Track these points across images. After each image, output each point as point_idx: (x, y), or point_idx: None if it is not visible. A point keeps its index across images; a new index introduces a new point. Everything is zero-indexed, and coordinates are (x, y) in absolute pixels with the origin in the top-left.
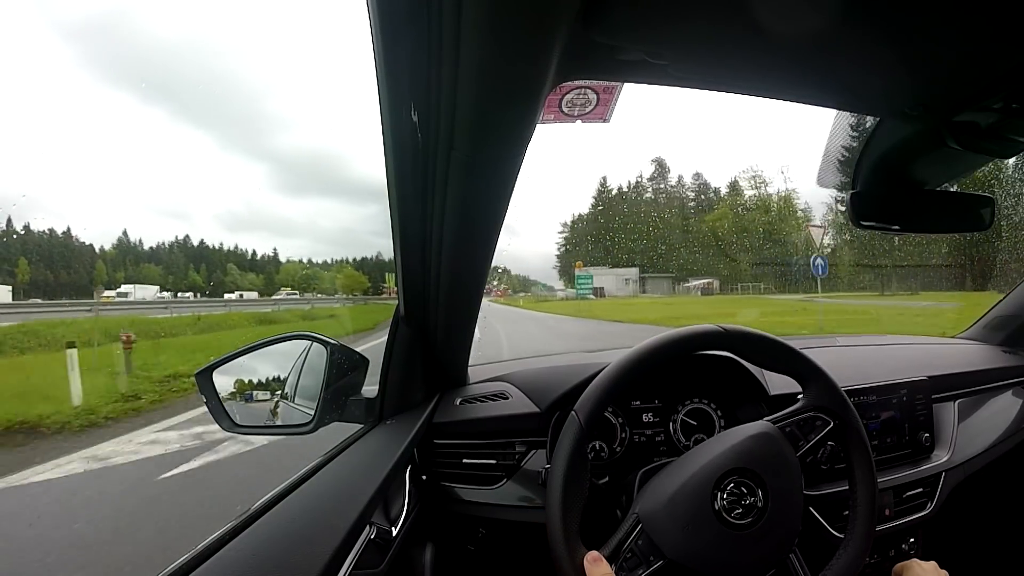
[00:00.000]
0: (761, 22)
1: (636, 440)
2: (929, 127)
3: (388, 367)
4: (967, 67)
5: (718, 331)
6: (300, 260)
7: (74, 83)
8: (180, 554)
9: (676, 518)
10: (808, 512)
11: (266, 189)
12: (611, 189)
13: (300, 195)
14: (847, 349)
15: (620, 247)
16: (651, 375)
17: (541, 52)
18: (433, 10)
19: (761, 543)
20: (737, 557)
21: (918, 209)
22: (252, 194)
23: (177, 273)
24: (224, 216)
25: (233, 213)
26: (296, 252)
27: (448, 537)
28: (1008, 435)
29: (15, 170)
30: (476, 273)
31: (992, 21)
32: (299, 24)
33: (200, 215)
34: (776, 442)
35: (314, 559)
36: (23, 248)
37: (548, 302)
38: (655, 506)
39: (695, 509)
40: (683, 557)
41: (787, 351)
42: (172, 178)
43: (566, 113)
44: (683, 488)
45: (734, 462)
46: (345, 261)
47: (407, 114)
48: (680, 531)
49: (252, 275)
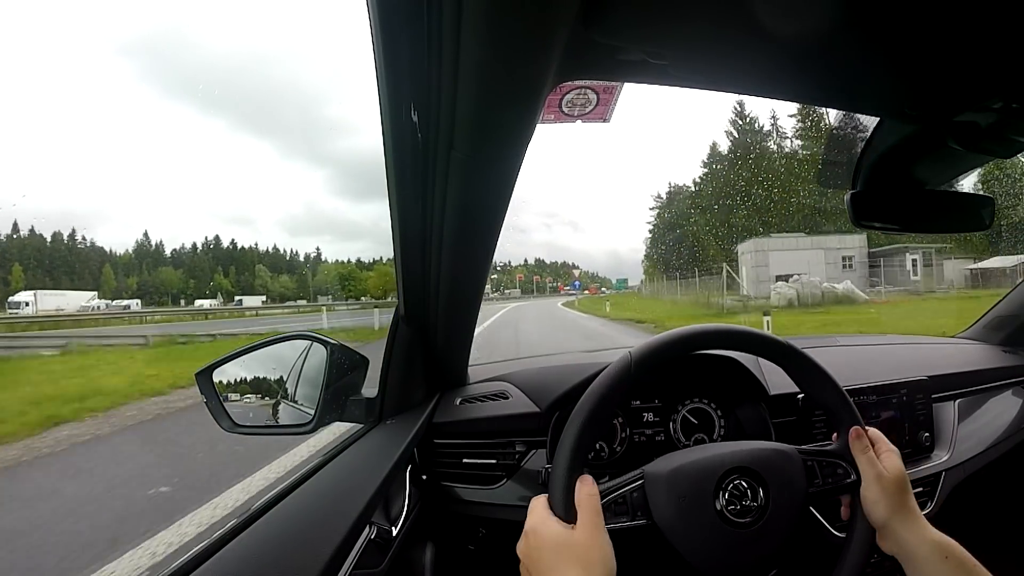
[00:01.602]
0: (762, 22)
1: (636, 440)
2: (929, 127)
3: (388, 367)
4: (967, 67)
5: (792, 349)
6: (350, 261)
7: (136, 96)
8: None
9: (674, 488)
10: (808, 512)
11: (326, 193)
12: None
13: (364, 199)
14: (847, 349)
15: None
16: (689, 359)
17: (541, 52)
18: (433, 10)
19: (758, 543)
20: (724, 547)
21: (918, 209)
22: (313, 198)
23: (201, 277)
24: (286, 220)
25: (294, 217)
26: (357, 254)
27: (448, 537)
28: (1008, 435)
29: (80, 180)
30: (476, 273)
31: (992, 21)
32: (299, 24)
33: (263, 220)
34: (794, 465)
35: (314, 559)
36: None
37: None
38: (660, 471)
39: (695, 489)
40: (668, 528)
41: (838, 392)
42: (235, 185)
43: (566, 113)
44: (692, 465)
45: (746, 461)
46: (380, 260)
47: (407, 114)
48: (675, 501)
49: (285, 277)
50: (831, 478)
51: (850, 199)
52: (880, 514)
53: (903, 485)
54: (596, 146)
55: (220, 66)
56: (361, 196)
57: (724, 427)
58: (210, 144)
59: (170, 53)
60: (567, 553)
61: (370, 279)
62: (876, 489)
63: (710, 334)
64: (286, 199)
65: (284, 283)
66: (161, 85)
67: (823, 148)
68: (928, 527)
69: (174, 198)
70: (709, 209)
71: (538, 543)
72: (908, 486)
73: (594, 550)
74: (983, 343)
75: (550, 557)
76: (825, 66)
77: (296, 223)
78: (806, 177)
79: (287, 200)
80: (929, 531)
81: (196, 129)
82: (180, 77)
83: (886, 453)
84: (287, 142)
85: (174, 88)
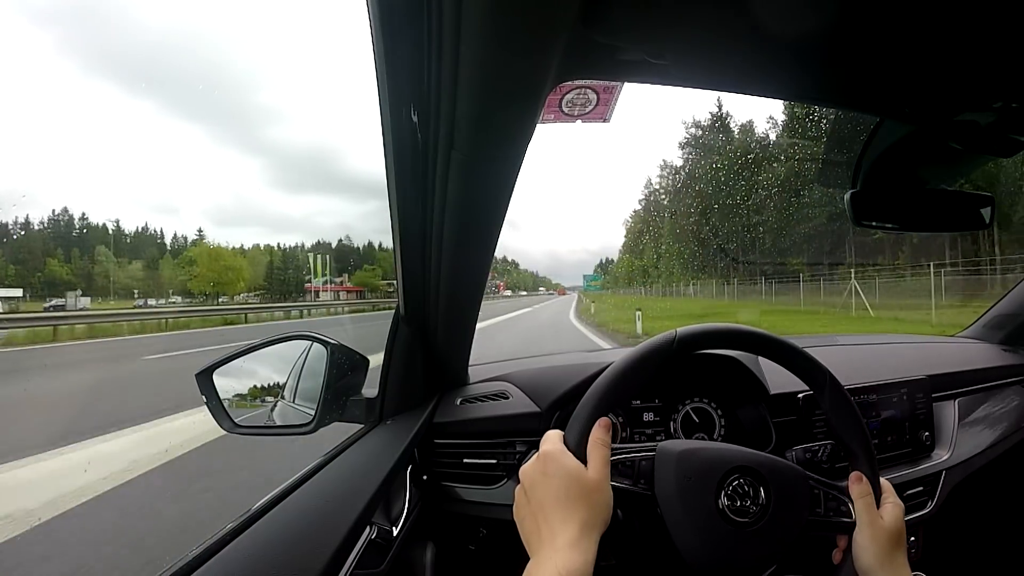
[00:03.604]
0: (762, 22)
1: (636, 439)
2: (929, 127)
3: (388, 367)
4: (967, 67)
5: (824, 371)
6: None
7: (55, 71)
8: None
9: (683, 466)
10: (804, 540)
11: (260, 184)
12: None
13: (298, 191)
14: (847, 348)
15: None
16: (689, 359)
17: (541, 52)
18: (433, 10)
19: (751, 543)
20: (717, 542)
21: (918, 208)
22: (244, 189)
23: (30, 262)
24: (212, 210)
25: (222, 208)
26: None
27: (449, 537)
28: (1008, 434)
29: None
30: (476, 273)
31: (992, 21)
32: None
33: (188, 209)
34: (801, 485)
35: (314, 559)
36: None
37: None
38: (673, 448)
39: (702, 474)
40: (666, 503)
41: (865, 437)
42: (160, 172)
43: (566, 113)
44: (704, 451)
45: (755, 465)
46: (301, 247)
47: (407, 114)
48: (680, 479)
49: (138, 264)
50: (833, 512)
51: (850, 199)
52: (867, 561)
53: (897, 539)
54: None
55: (149, 42)
56: (295, 188)
57: (724, 427)
58: (135, 126)
59: (95, 25)
60: (577, 488)
61: (242, 269)
62: (867, 535)
63: (757, 338)
64: (215, 188)
65: (134, 272)
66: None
67: (823, 148)
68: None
69: (91, 182)
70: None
71: (549, 470)
72: (902, 542)
73: (600, 494)
74: (983, 342)
75: (559, 486)
76: (825, 66)
77: (224, 214)
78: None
79: (216, 189)
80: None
81: (121, 109)
82: (106, 52)
83: (890, 505)
84: (221, 127)
85: (99, 64)
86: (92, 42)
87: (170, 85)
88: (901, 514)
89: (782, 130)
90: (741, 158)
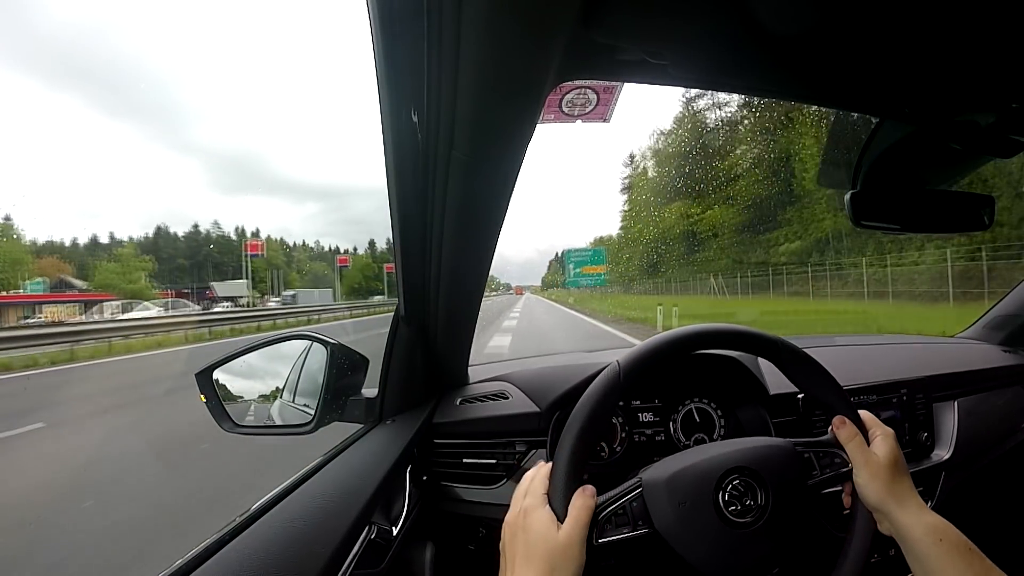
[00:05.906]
0: (761, 22)
1: (636, 440)
2: (929, 127)
3: (388, 367)
4: (967, 67)
5: (774, 341)
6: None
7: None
8: None
9: (674, 493)
10: (811, 507)
11: (196, 185)
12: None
13: (233, 193)
14: (847, 348)
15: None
16: (688, 359)
17: (541, 52)
18: (432, 10)
19: (760, 542)
20: (726, 549)
21: (918, 209)
22: (181, 191)
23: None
24: (139, 214)
25: (148, 210)
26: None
27: (448, 537)
28: (1008, 434)
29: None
30: (476, 273)
31: (992, 21)
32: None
33: (111, 213)
34: (791, 459)
35: (314, 558)
36: None
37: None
38: (658, 477)
39: (695, 493)
40: (669, 534)
41: (831, 382)
42: (86, 175)
43: (566, 113)
44: (690, 468)
45: (745, 461)
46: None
47: (407, 114)
48: (674, 507)
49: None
50: (829, 468)
51: (850, 199)
52: (872, 498)
53: (895, 468)
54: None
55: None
56: (230, 191)
57: (724, 427)
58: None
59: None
60: (543, 547)
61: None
62: (866, 474)
63: (698, 335)
64: (143, 189)
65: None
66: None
67: (823, 148)
68: (924, 510)
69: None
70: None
71: (525, 523)
72: (902, 468)
73: (565, 553)
74: (983, 343)
75: (528, 542)
76: (825, 66)
77: (151, 216)
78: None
79: (144, 190)
80: (924, 514)
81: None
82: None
83: (879, 437)
84: (152, 125)
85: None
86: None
87: (170, 85)
88: (893, 442)
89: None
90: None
